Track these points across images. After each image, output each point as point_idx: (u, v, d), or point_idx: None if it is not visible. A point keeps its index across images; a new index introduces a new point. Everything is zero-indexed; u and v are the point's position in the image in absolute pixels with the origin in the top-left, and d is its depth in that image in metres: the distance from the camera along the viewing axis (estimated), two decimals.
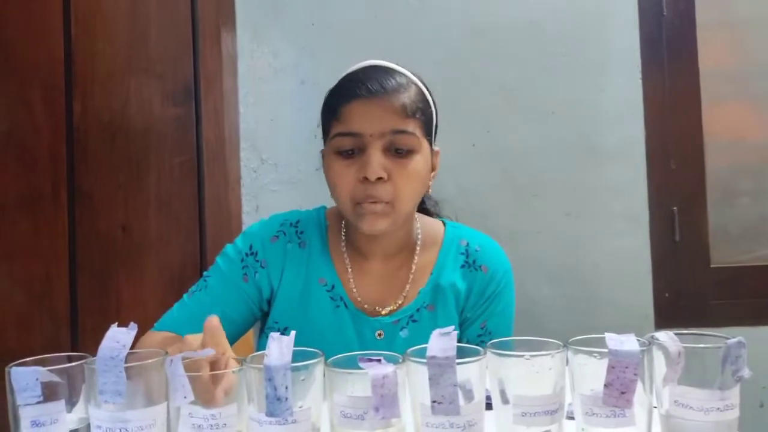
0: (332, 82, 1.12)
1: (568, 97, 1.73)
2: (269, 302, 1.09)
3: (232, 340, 1.08)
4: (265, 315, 1.11)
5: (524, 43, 1.74)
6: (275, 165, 1.75)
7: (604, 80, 1.74)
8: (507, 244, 1.21)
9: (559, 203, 1.73)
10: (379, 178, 0.95)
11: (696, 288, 1.72)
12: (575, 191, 1.73)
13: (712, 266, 1.73)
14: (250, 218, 1.73)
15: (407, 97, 0.99)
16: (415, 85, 1.02)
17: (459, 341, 1.14)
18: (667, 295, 1.72)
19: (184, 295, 1.08)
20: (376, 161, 0.95)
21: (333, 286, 1.07)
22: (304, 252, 1.08)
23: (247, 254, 1.07)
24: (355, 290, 1.07)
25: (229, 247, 1.10)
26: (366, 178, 0.95)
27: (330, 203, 1.18)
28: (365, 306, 1.07)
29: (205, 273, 1.10)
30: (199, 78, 1.71)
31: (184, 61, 1.70)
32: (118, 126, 1.69)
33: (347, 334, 1.05)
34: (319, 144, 1.76)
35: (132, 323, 0.69)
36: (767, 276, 1.75)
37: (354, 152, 0.98)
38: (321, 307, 1.06)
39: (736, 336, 0.70)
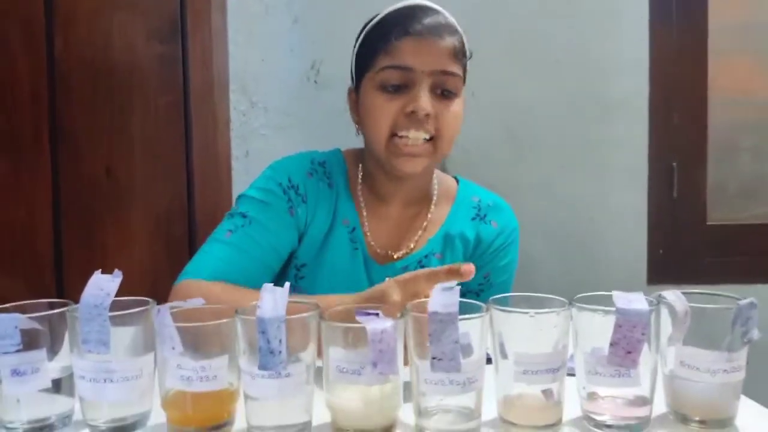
0: (326, 21, 1.07)
1: (572, 45, 1.66)
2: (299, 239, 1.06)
3: (271, 280, 1.00)
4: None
5: None
6: (265, 108, 1.68)
7: (611, 29, 1.67)
8: (503, 197, 1.18)
9: (558, 156, 1.69)
10: (426, 114, 0.95)
11: (690, 245, 1.71)
12: (575, 144, 1.68)
13: (708, 224, 1.72)
14: (239, 163, 1.68)
15: (456, 40, 0.99)
16: (459, 31, 1.02)
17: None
18: (660, 251, 1.70)
19: (217, 237, 0.99)
20: (427, 97, 0.96)
21: (354, 229, 1.07)
22: (332, 192, 1.07)
23: (288, 187, 1.03)
24: (369, 234, 1.07)
25: (260, 181, 1.05)
26: (413, 113, 0.95)
27: (342, 145, 1.14)
28: (378, 250, 1.07)
29: (234, 210, 1.02)
30: (186, 15, 1.62)
31: None
32: (101, 64, 1.61)
33: (359, 278, 1.05)
34: (312, 87, 1.68)
35: (117, 270, 0.65)
36: (761, 234, 1.74)
37: (400, 88, 0.97)
38: (341, 248, 1.05)
39: (730, 293, 0.68)
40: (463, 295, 0.63)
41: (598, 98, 1.68)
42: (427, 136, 0.97)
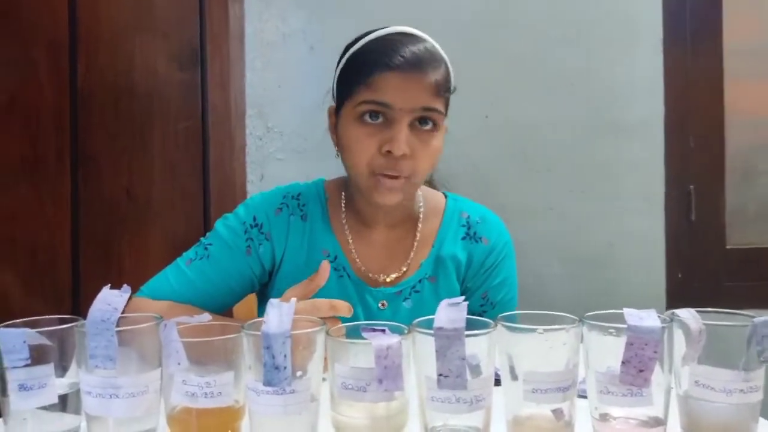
0: (341, 49, 1.06)
1: (586, 68, 1.67)
2: (271, 274, 1.09)
3: (226, 308, 1.09)
4: (264, 285, 1.10)
5: (542, 11, 1.68)
6: (281, 133, 1.70)
7: (625, 52, 1.67)
8: (517, 220, 1.18)
9: (573, 180, 1.68)
10: (403, 155, 0.94)
11: (710, 269, 1.68)
12: (590, 167, 1.68)
13: (727, 247, 1.69)
14: (254, 187, 1.70)
15: (439, 74, 0.97)
16: (444, 61, 1.00)
17: None
18: (680, 275, 1.68)
19: (179, 262, 1.06)
20: (404, 138, 0.94)
21: (336, 257, 1.07)
22: (306, 224, 1.08)
23: (251, 225, 1.06)
24: (357, 260, 1.07)
25: (231, 217, 1.09)
26: (390, 152, 0.94)
27: (330, 174, 1.14)
28: (369, 275, 1.07)
29: (203, 240, 1.07)
30: (206, 41, 1.66)
31: (190, 24, 1.66)
32: (122, 89, 1.66)
33: (351, 305, 1.03)
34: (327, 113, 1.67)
35: (125, 286, 0.66)
36: None
37: (378, 120, 0.96)
38: None
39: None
40: None
41: (613, 121, 1.68)
42: (405, 176, 0.96)
